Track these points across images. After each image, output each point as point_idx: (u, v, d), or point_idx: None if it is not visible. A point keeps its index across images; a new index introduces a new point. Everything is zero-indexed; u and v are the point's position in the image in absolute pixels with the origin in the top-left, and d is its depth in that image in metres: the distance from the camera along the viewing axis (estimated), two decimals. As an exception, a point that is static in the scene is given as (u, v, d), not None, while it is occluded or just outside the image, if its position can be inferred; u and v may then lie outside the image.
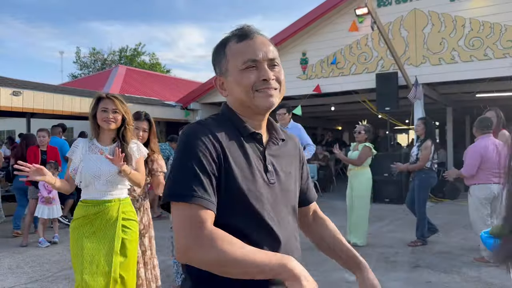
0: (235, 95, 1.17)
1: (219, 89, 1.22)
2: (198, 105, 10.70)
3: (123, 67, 16.31)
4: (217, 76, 1.22)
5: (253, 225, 1.09)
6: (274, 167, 1.18)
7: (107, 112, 2.55)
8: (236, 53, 1.14)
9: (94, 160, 2.54)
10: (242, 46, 1.14)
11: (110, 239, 2.53)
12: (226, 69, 1.16)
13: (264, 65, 1.15)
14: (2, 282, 4.21)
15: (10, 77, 8.38)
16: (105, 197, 2.57)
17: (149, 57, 31.63)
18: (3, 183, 8.13)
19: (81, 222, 2.55)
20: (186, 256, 0.99)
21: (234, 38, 1.16)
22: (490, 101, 11.36)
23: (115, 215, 2.57)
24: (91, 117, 2.60)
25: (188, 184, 1.02)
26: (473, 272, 4.24)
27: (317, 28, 8.92)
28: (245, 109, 1.17)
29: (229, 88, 1.18)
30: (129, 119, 2.66)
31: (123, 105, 2.62)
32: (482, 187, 4.53)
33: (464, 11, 7.64)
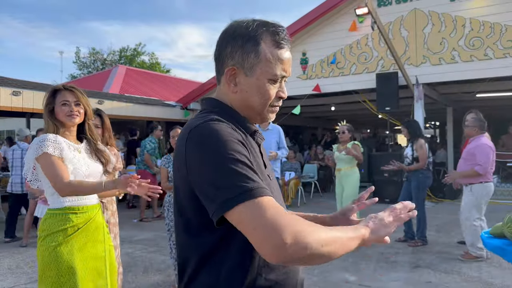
0: (248, 98, 1.08)
1: (228, 81, 1.08)
2: (198, 105, 10.69)
3: (123, 67, 16.32)
4: (230, 67, 1.07)
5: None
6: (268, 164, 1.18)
7: (68, 105, 2.23)
8: (274, 61, 1.05)
9: (80, 160, 2.24)
10: (281, 55, 1.06)
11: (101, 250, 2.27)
12: (251, 68, 1.05)
13: (283, 82, 1.11)
14: (1, 282, 4.21)
15: (10, 77, 8.38)
16: (91, 202, 2.27)
17: (148, 57, 31.65)
18: (3, 183, 8.12)
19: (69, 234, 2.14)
20: (291, 250, 0.84)
21: (271, 38, 1.06)
22: (490, 101, 11.37)
23: (102, 221, 2.32)
24: (48, 113, 2.24)
25: (250, 178, 0.90)
26: (474, 272, 4.23)
27: (317, 28, 8.92)
28: (249, 113, 1.11)
29: (245, 87, 1.07)
30: (90, 113, 2.37)
31: (84, 97, 2.31)
32: (486, 185, 4.59)
33: (464, 11, 7.64)
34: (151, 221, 7.28)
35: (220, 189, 0.89)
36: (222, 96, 1.13)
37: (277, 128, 5.40)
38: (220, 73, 1.11)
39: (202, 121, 1.00)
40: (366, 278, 4.11)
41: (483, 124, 4.71)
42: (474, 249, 4.55)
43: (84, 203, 2.23)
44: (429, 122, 19.06)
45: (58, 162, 2.12)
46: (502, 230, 2.44)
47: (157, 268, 4.57)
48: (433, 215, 7.00)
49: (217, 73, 1.14)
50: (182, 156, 0.99)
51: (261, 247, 0.85)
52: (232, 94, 1.10)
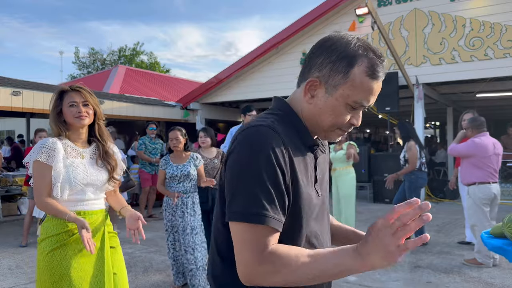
0: (319, 114, 1.05)
1: (306, 90, 1.05)
2: (198, 105, 10.70)
3: (123, 67, 16.32)
4: (314, 78, 1.04)
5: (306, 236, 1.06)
6: (320, 178, 1.13)
7: (77, 106, 2.13)
8: (359, 87, 1.00)
9: (78, 166, 2.11)
10: (368, 84, 1.01)
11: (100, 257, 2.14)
12: (335, 87, 1.02)
13: (361, 110, 1.06)
14: (1, 282, 4.21)
15: (10, 77, 8.38)
16: (91, 207, 2.17)
17: (147, 57, 31.64)
18: (3, 183, 8.12)
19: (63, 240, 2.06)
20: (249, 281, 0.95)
21: (366, 65, 1.00)
22: (490, 101, 11.37)
23: (102, 228, 2.19)
24: (55, 115, 2.15)
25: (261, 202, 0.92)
26: (474, 273, 4.23)
27: (317, 28, 8.92)
28: (315, 127, 1.08)
29: (320, 103, 1.04)
30: (100, 113, 2.24)
31: (93, 97, 2.22)
32: (481, 187, 4.50)
33: (464, 11, 7.64)
34: (148, 220, 7.30)
35: (234, 198, 0.95)
36: (295, 101, 1.10)
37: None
38: (303, 78, 1.09)
39: (255, 124, 1.00)
40: (366, 278, 4.11)
41: (478, 124, 4.64)
42: (481, 255, 4.44)
43: (83, 209, 2.13)
44: (429, 122, 19.05)
45: (44, 174, 2.04)
46: (502, 230, 2.44)
47: (157, 268, 4.57)
48: (433, 215, 6.99)
49: (300, 75, 1.11)
50: (227, 152, 1.05)
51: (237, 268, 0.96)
52: (305, 103, 1.07)
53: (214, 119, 11.22)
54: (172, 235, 3.87)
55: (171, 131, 3.98)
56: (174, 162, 3.90)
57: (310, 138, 1.08)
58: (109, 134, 2.33)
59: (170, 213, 3.84)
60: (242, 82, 9.89)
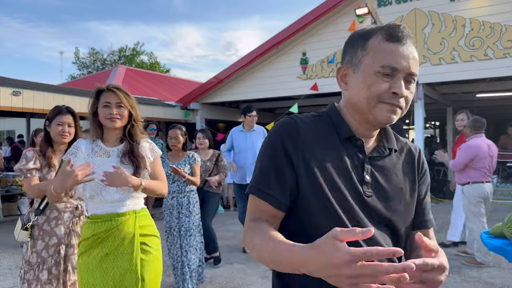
0: (354, 95, 1.03)
1: (339, 80, 1.08)
2: (198, 105, 10.70)
3: (123, 67, 16.31)
4: (342, 65, 1.07)
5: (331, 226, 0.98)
6: (375, 179, 1.05)
7: (110, 107, 2.11)
8: (380, 52, 0.99)
9: (101, 165, 2.08)
10: (389, 47, 1.00)
11: (126, 262, 2.04)
12: (359, 62, 1.02)
13: (401, 77, 1.00)
14: (1, 282, 4.21)
15: (10, 77, 8.38)
16: (117, 209, 2.10)
17: (147, 57, 31.64)
18: (3, 183, 8.13)
19: (91, 244, 2.06)
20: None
21: (383, 33, 1.01)
22: (490, 101, 11.37)
23: (132, 231, 2.09)
24: (91, 114, 2.17)
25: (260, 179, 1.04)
26: (474, 273, 4.23)
27: (317, 28, 8.92)
28: (357, 114, 1.05)
29: (352, 84, 1.04)
30: (137, 114, 2.22)
31: (129, 98, 2.18)
32: (475, 187, 4.54)
33: (464, 11, 7.64)
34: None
35: (253, 174, 1.08)
36: (343, 100, 1.12)
37: (260, 129, 5.42)
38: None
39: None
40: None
41: (479, 125, 4.67)
42: (480, 255, 4.45)
43: (106, 211, 2.08)
44: (429, 122, 19.06)
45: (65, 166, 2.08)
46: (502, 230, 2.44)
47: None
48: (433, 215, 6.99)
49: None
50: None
51: None
52: (345, 94, 1.08)
53: (214, 119, 11.22)
54: (171, 236, 3.85)
55: (172, 129, 3.96)
56: (171, 160, 3.91)
57: (344, 129, 1.06)
58: (145, 134, 2.31)
59: (168, 214, 3.84)
60: (242, 82, 9.89)
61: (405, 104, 1.03)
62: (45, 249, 2.56)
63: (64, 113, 2.67)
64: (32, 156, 2.61)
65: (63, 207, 2.64)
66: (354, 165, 1.04)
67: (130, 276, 2.03)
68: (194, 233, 3.77)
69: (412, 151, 1.16)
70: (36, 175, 2.59)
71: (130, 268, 2.04)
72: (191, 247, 3.71)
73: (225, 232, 5.44)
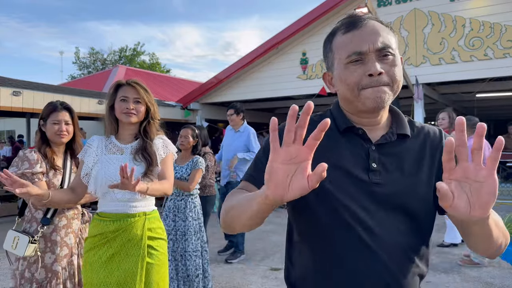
0: (340, 91, 1.07)
1: (328, 84, 1.13)
2: (198, 105, 10.70)
3: (123, 67, 16.32)
4: (325, 72, 1.14)
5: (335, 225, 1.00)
6: (384, 166, 1.03)
7: (127, 101, 2.04)
8: (341, 46, 1.03)
9: (113, 162, 2.00)
10: (347, 37, 1.02)
11: (132, 264, 1.97)
12: (332, 64, 1.08)
13: (372, 57, 1.00)
14: (1, 282, 4.21)
15: (10, 77, 8.38)
16: (127, 210, 2.01)
17: (148, 57, 31.65)
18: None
19: (97, 242, 1.99)
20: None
21: (341, 29, 1.05)
22: (490, 101, 11.37)
23: (140, 234, 2.01)
24: (108, 108, 2.08)
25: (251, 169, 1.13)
26: (473, 272, 4.23)
27: (317, 28, 8.92)
28: (352, 106, 1.07)
29: (336, 84, 1.09)
30: (155, 111, 2.16)
31: (148, 94, 2.11)
32: None
33: (464, 11, 7.64)
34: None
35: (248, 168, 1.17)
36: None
37: (248, 131, 5.13)
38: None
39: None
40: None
41: (473, 123, 4.68)
42: (476, 255, 4.45)
43: (116, 210, 2.00)
44: (429, 122, 19.06)
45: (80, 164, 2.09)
46: (501, 230, 2.44)
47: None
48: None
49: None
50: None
51: None
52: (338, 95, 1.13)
53: (214, 119, 11.22)
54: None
55: (183, 128, 3.80)
56: (176, 162, 3.71)
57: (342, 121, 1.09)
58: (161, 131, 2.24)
59: (163, 217, 3.61)
60: (242, 82, 9.90)
61: (390, 78, 1.00)
62: (57, 261, 2.28)
63: (59, 110, 2.38)
64: (37, 158, 2.31)
65: (72, 214, 2.40)
66: (357, 154, 1.04)
67: (133, 280, 1.95)
68: (189, 239, 3.51)
69: (431, 135, 1.11)
70: (43, 179, 2.29)
71: (135, 272, 1.95)
72: (186, 252, 3.49)
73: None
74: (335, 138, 1.06)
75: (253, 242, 5.60)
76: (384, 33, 1.03)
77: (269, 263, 4.76)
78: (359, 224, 0.99)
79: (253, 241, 5.69)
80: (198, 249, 3.55)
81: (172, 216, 3.57)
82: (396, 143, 1.06)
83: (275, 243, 5.66)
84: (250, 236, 5.60)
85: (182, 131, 3.76)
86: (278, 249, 5.34)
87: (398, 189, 1.01)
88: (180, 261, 3.48)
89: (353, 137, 1.06)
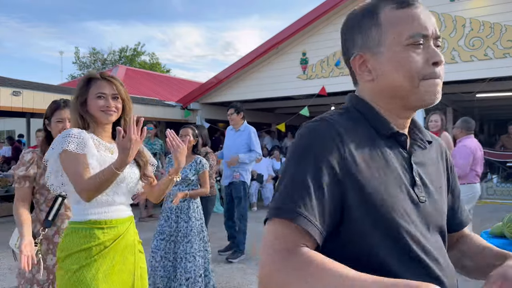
0: (389, 79, 0.86)
1: (358, 70, 0.91)
2: (198, 105, 10.70)
3: (123, 67, 16.32)
4: (356, 53, 0.90)
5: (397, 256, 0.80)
6: (422, 180, 0.89)
7: (105, 99, 1.83)
8: (398, 22, 0.85)
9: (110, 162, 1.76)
10: (405, 14, 0.85)
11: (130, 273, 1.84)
12: (379, 42, 0.86)
13: (431, 43, 0.86)
14: (1, 282, 4.21)
15: (10, 77, 8.38)
16: (121, 214, 1.86)
17: (149, 57, 31.65)
18: (3, 183, 8.13)
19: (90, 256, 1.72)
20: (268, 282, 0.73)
21: (390, 3, 0.87)
22: (490, 101, 11.37)
23: (132, 239, 1.90)
24: (79, 105, 1.83)
25: (293, 197, 0.78)
26: (474, 272, 4.23)
27: (317, 28, 8.92)
28: (394, 101, 0.89)
29: (380, 69, 0.87)
30: (130, 109, 1.99)
31: (124, 89, 1.94)
32: (469, 187, 4.60)
33: (464, 11, 7.64)
34: (147, 221, 7.36)
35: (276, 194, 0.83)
36: (361, 93, 0.94)
37: (248, 129, 5.09)
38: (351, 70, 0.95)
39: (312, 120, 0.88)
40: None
41: (470, 126, 4.71)
42: None
43: (111, 216, 1.81)
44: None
45: (80, 159, 1.70)
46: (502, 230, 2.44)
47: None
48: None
49: (351, 74, 0.97)
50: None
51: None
52: (369, 86, 0.91)
53: (214, 119, 11.22)
54: (158, 241, 3.49)
55: (183, 128, 3.77)
56: None
57: (386, 125, 0.89)
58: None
59: (164, 218, 3.55)
60: (242, 82, 9.89)
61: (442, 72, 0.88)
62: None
63: (62, 108, 2.32)
64: (29, 160, 2.24)
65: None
66: (402, 166, 0.87)
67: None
68: (193, 240, 3.47)
69: (439, 142, 1.03)
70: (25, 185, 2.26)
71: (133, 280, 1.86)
72: (187, 254, 3.43)
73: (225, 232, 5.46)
74: (379, 148, 0.86)
75: (253, 242, 5.60)
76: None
77: (269, 263, 4.75)
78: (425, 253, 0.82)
79: (253, 241, 5.68)
80: (201, 249, 3.54)
81: (175, 218, 3.52)
82: (425, 152, 0.95)
83: (275, 243, 5.65)
84: (250, 236, 5.59)
85: (182, 131, 3.74)
86: (278, 249, 5.32)
87: (436, 206, 0.90)
88: (179, 262, 3.42)
89: (394, 144, 0.89)
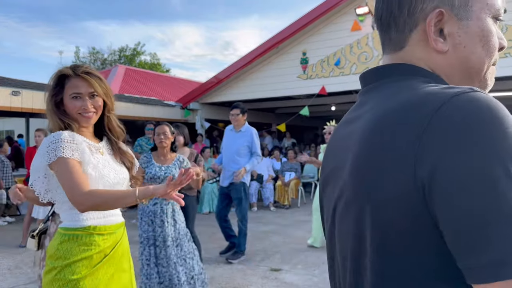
0: (469, 55, 0.66)
1: (431, 34, 0.65)
2: (198, 105, 10.69)
3: (123, 66, 16.30)
4: (436, 12, 0.64)
5: None
6: None
7: (81, 99, 1.65)
8: None
9: (104, 164, 1.69)
10: None
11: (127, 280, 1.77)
12: (467, 4, 0.65)
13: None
14: (1, 282, 4.20)
15: (9, 77, 8.37)
16: (117, 220, 1.75)
17: (150, 57, 31.66)
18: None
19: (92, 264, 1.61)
20: None
21: None
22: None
23: (127, 244, 1.81)
24: (53, 106, 1.67)
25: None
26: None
27: (317, 28, 8.91)
28: (470, 82, 0.69)
29: (461, 39, 0.66)
30: (111, 104, 1.79)
31: (103, 83, 1.74)
32: None
33: (464, 10, 7.64)
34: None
35: (492, 232, 0.48)
36: (415, 62, 0.69)
37: (250, 131, 4.90)
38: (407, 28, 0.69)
39: (459, 91, 0.56)
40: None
41: None
42: None
43: (110, 221, 1.70)
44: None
45: (77, 167, 1.57)
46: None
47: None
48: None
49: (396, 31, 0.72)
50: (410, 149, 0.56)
51: None
52: (437, 56, 0.67)
53: (214, 119, 11.21)
54: (148, 248, 3.35)
55: (159, 125, 3.58)
56: (157, 161, 3.48)
57: None
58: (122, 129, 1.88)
59: (147, 223, 3.36)
60: (242, 82, 9.88)
61: None
62: None
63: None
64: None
65: None
66: None
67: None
68: (182, 243, 3.37)
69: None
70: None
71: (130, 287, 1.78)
72: (179, 258, 3.34)
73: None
74: None
75: (253, 243, 5.59)
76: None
77: (269, 263, 4.74)
78: None
79: (253, 241, 5.67)
80: (191, 250, 3.46)
81: (159, 222, 3.37)
82: None
83: (275, 243, 5.65)
84: (251, 237, 5.58)
85: (158, 128, 3.54)
86: (278, 249, 5.32)
87: None
88: (174, 267, 3.30)
89: None
